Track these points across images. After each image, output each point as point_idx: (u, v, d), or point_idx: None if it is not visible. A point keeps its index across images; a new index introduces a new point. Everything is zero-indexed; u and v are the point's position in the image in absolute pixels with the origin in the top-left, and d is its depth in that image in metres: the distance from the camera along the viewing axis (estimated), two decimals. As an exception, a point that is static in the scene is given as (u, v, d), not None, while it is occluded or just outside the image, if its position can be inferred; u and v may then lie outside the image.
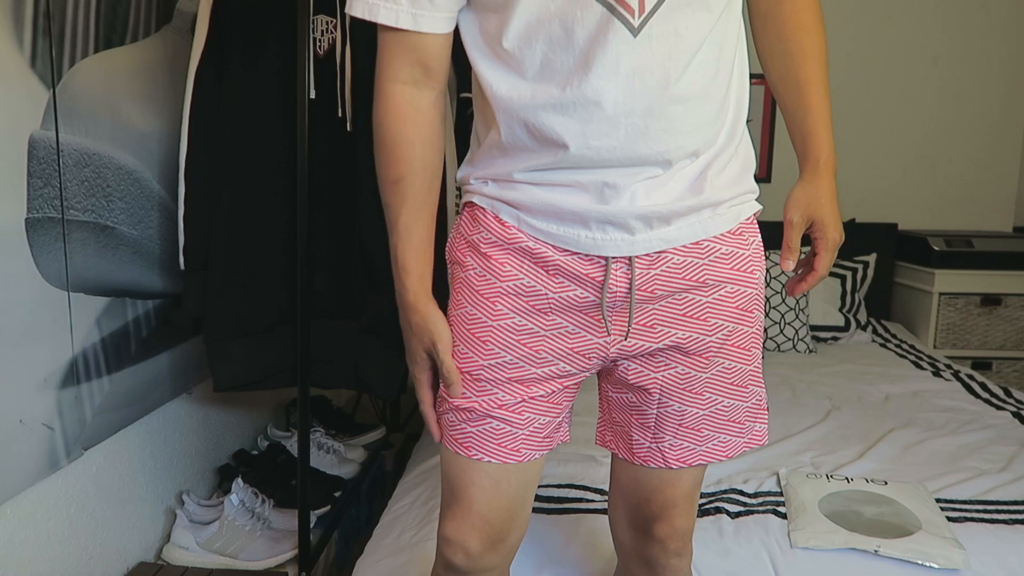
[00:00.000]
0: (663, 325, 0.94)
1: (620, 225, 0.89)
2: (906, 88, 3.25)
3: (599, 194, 0.88)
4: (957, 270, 2.96)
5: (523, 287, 0.93)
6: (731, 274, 0.95)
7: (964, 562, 1.36)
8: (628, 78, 0.83)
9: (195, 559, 1.67)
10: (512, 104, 0.88)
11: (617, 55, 0.83)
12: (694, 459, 1.00)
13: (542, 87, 0.86)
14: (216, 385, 1.66)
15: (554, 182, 0.90)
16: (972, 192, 3.33)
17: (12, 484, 1.25)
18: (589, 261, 0.91)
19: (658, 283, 0.92)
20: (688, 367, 0.96)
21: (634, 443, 1.02)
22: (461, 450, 0.98)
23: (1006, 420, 2.05)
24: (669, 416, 0.98)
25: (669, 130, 0.86)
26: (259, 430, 2.22)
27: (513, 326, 0.94)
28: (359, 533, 2.06)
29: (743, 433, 1.01)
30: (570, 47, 0.84)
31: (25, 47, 1.23)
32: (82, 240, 1.39)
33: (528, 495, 1.04)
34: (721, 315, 0.95)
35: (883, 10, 3.20)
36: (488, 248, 0.95)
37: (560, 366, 0.96)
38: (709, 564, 1.39)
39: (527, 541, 1.44)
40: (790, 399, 2.23)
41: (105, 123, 1.44)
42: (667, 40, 0.84)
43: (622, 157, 0.87)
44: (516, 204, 0.92)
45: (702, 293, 0.94)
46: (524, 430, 0.97)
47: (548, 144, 0.88)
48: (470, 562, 0.99)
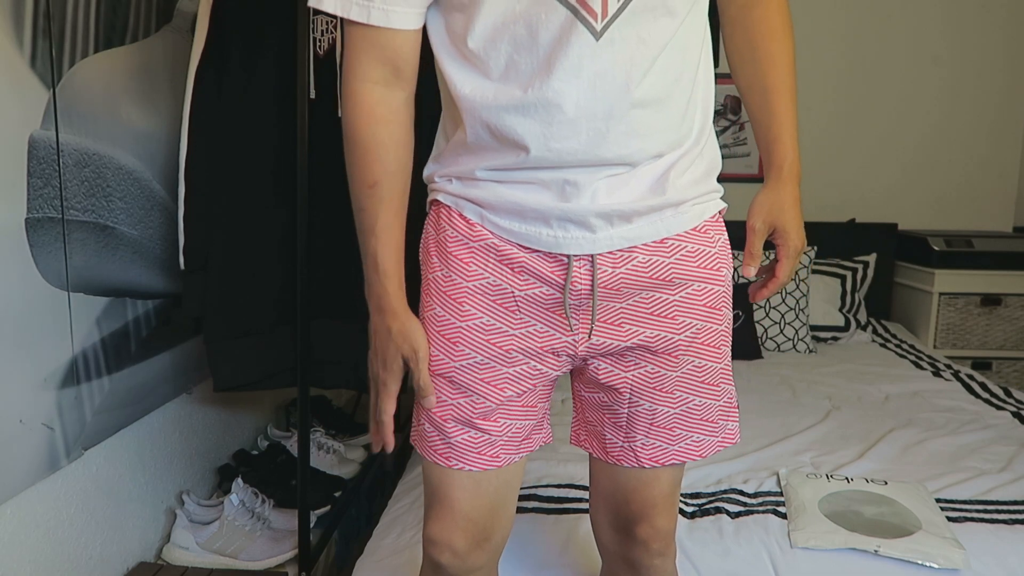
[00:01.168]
0: (631, 323, 0.94)
1: (581, 223, 0.89)
2: (906, 88, 3.25)
3: (560, 192, 0.89)
4: (957, 270, 2.95)
5: (489, 286, 0.93)
6: (698, 272, 0.95)
7: (964, 562, 1.36)
8: (590, 81, 0.84)
9: (195, 559, 1.67)
10: (475, 104, 0.88)
11: (579, 58, 0.83)
12: (667, 458, 0.99)
13: (505, 88, 0.86)
14: (216, 385, 1.66)
15: (516, 180, 0.90)
16: (972, 192, 3.33)
17: (12, 484, 1.25)
18: (552, 259, 0.91)
19: (624, 280, 0.92)
20: (658, 366, 0.96)
21: (607, 442, 1.02)
22: (440, 460, 0.98)
23: (1006, 420, 2.05)
24: (640, 415, 0.98)
25: (630, 133, 0.87)
26: (259, 430, 2.22)
27: (482, 326, 0.94)
28: (359, 533, 2.06)
29: (716, 432, 1.01)
30: (534, 49, 0.84)
31: (25, 47, 1.23)
32: (82, 240, 1.39)
33: (511, 494, 1.04)
34: (689, 313, 0.95)
35: (883, 10, 3.20)
36: (454, 247, 0.95)
37: (531, 364, 0.96)
38: (709, 564, 1.39)
39: (527, 541, 1.44)
40: (790, 399, 2.23)
41: (105, 123, 1.44)
42: (629, 44, 0.84)
43: (583, 159, 0.87)
44: (480, 202, 0.93)
45: (669, 291, 0.94)
46: (501, 437, 0.98)
47: (510, 145, 0.88)
48: (457, 561, 0.99)
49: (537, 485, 1.61)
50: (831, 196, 3.26)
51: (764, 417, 2.04)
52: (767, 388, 2.34)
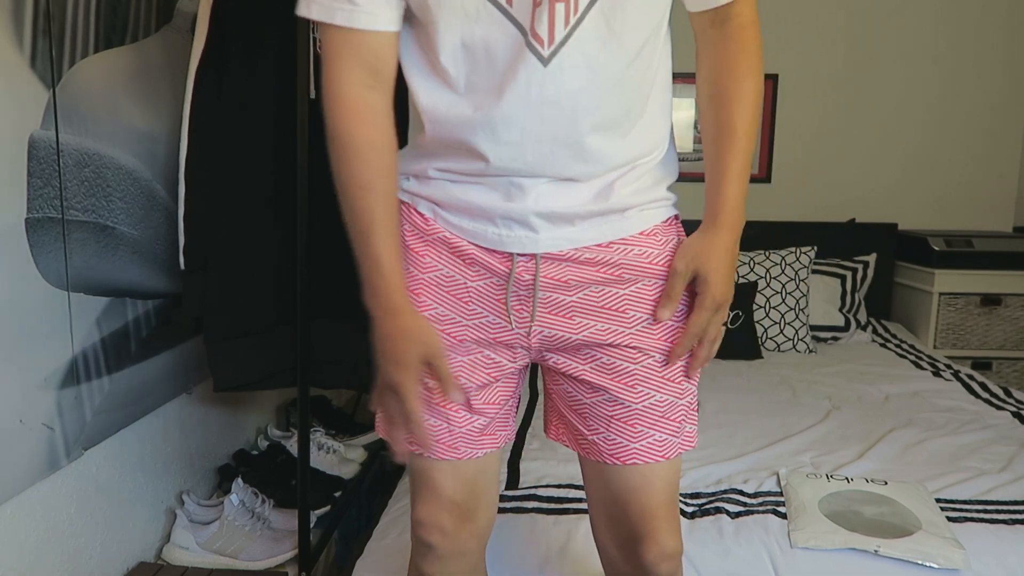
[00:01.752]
0: (581, 316, 0.95)
1: (523, 223, 0.91)
2: (906, 88, 3.25)
3: (505, 193, 0.91)
4: (957, 270, 2.95)
5: (443, 277, 0.96)
6: (649, 268, 0.95)
7: (964, 562, 1.36)
8: (537, 107, 0.85)
9: (195, 559, 1.67)
10: (432, 115, 0.90)
11: (528, 83, 0.84)
12: (629, 457, 0.98)
13: (460, 104, 0.88)
14: (216, 385, 1.66)
15: (466, 181, 0.93)
16: (972, 192, 3.33)
17: (12, 484, 1.25)
18: (499, 255, 0.93)
19: (571, 274, 0.93)
20: (615, 357, 0.96)
21: (577, 434, 1.03)
22: (405, 445, 1.00)
23: (1006, 420, 2.05)
24: (601, 406, 0.98)
25: (576, 158, 0.89)
26: (259, 430, 2.22)
27: (437, 316, 0.97)
28: (359, 533, 2.06)
29: (678, 433, 0.99)
30: (491, 71, 0.86)
31: (25, 47, 1.23)
32: (82, 240, 1.39)
33: (490, 480, 1.06)
34: (639, 307, 0.95)
35: (883, 10, 3.20)
36: (411, 240, 0.97)
37: (485, 354, 0.98)
38: (709, 564, 1.39)
39: (527, 541, 1.44)
40: (790, 399, 2.23)
41: (105, 123, 1.44)
42: (579, 72, 0.85)
43: (530, 173, 0.89)
44: (432, 199, 0.95)
45: (619, 286, 0.95)
46: (460, 427, 0.99)
47: (462, 153, 0.90)
48: (447, 540, 1.02)
49: (537, 485, 1.61)
50: (831, 196, 3.27)
51: (764, 417, 2.04)
52: (767, 388, 2.34)
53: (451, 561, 1.05)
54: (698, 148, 3.28)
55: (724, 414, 2.07)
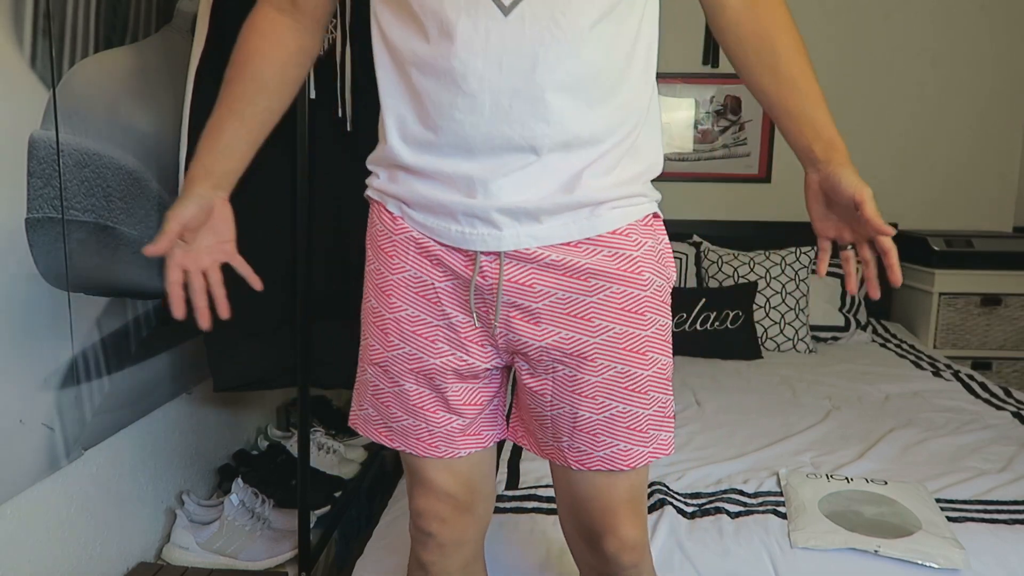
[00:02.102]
0: (547, 322, 0.93)
1: (485, 219, 0.89)
2: (906, 88, 3.25)
3: (466, 186, 0.89)
4: (957, 270, 2.95)
5: (412, 278, 0.95)
6: (616, 273, 0.92)
7: (964, 562, 1.36)
8: (496, 56, 0.83)
9: (195, 559, 1.67)
10: (401, 58, 0.89)
11: (487, 31, 0.83)
12: (593, 463, 0.96)
13: (425, 51, 0.86)
14: (216, 385, 1.66)
15: (429, 172, 0.90)
16: (972, 192, 3.33)
17: (12, 484, 1.25)
18: (463, 253, 0.92)
19: (536, 278, 0.91)
20: (575, 369, 0.94)
21: (540, 440, 1.02)
22: (384, 440, 1.02)
23: (1006, 420, 2.05)
24: (563, 418, 0.96)
25: (535, 116, 0.85)
26: (259, 430, 2.22)
27: (407, 317, 0.96)
28: (359, 533, 2.06)
29: (648, 442, 0.96)
30: (452, 18, 0.84)
31: (25, 47, 1.23)
32: (82, 240, 1.39)
33: (485, 473, 1.07)
34: (605, 316, 0.92)
35: (882, 10, 3.20)
36: (381, 240, 0.98)
37: (457, 355, 0.96)
38: (709, 564, 1.39)
39: (527, 541, 1.44)
40: (790, 399, 2.23)
41: (105, 123, 1.44)
42: (540, 24, 0.83)
43: (487, 136, 0.86)
44: (399, 197, 0.95)
45: (586, 292, 0.92)
46: (440, 428, 0.99)
47: (423, 112, 0.88)
48: (446, 528, 1.03)
49: (537, 485, 1.61)
50: (831, 196, 3.26)
51: (764, 417, 2.04)
52: (767, 388, 2.34)
53: (451, 550, 1.06)
54: (698, 148, 3.28)
55: (724, 414, 2.07)
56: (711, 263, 2.95)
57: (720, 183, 3.30)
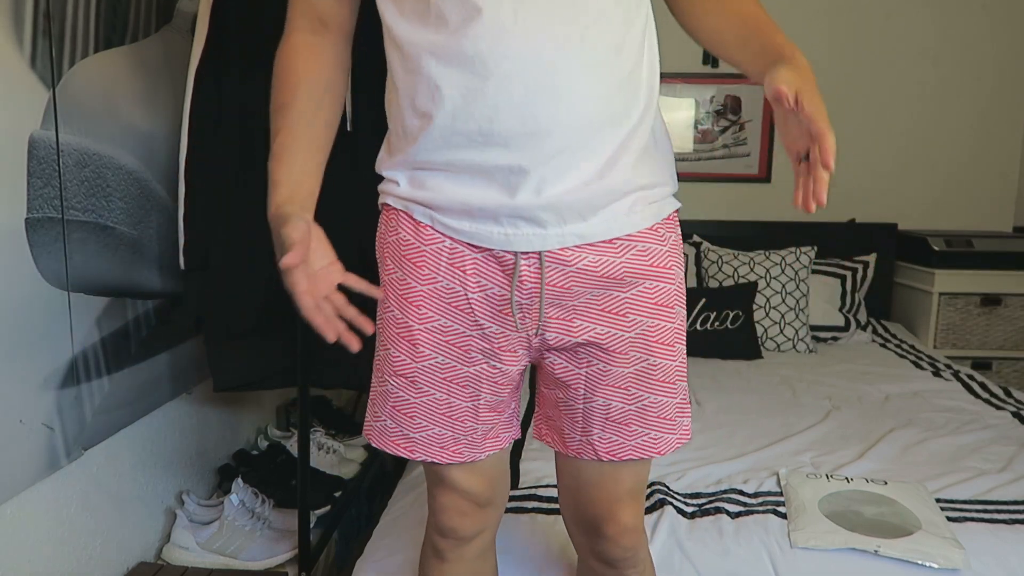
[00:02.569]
0: (582, 320, 0.95)
1: (530, 219, 0.89)
2: (906, 88, 3.25)
3: (506, 183, 0.88)
4: (957, 270, 2.96)
5: (443, 289, 0.95)
6: (649, 270, 0.95)
7: (964, 562, 1.36)
8: (523, 36, 0.83)
9: (195, 559, 1.67)
10: (418, 51, 0.88)
11: (514, 13, 0.83)
12: (624, 452, 1.00)
13: (445, 37, 0.85)
14: (216, 385, 1.66)
15: (462, 168, 0.89)
16: (972, 192, 3.33)
17: (12, 484, 1.25)
18: (501, 260, 0.92)
19: (573, 279, 0.93)
20: (610, 364, 0.96)
21: (566, 436, 1.04)
22: (403, 453, 1.01)
23: (1006, 420, 2.05)
24: (595, 410, 0.99)
25: (568, 92, 0.85)
26: (259, 430, 2.22)
27: (440, 327, 0.96)
28: (359, 533, 2.06)
29: (674, 429, 1.00)
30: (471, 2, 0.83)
31: (25, 47, 1.23)
32: (82, 240, 1.39)
33: (503, 469, 1.10)
34: (640, 311, 0.95)
35: (882, 9, 3.20)
36: (407, 251, 0.96)
37: (491, 363, 0.98)
38: (709, 564, 1.39)
39: (527, 541, 1.44)
40: (790, 399, 2.23)
41: (105, 123, 1.44)
42: (563, 2, 0.84)
43: (520, 119, 0.85)
44: (429, 204, 0.93)
45: (620, 289, 0.94)
46: (466, 435, 1.01)
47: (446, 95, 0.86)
48: (466, 522, 1.06)
49: (537, 485, 1.61)
50: (831, 196, 3.26)
51: (764, 417, 2.04)
52: (767, 388, 2.34)
53: (470, 540, 1.09)
54: (698, 148, 3.28)
55: (724, 414, 2.07)
56: (711, 263, 2.96)
57: (720, 183, 3.30)
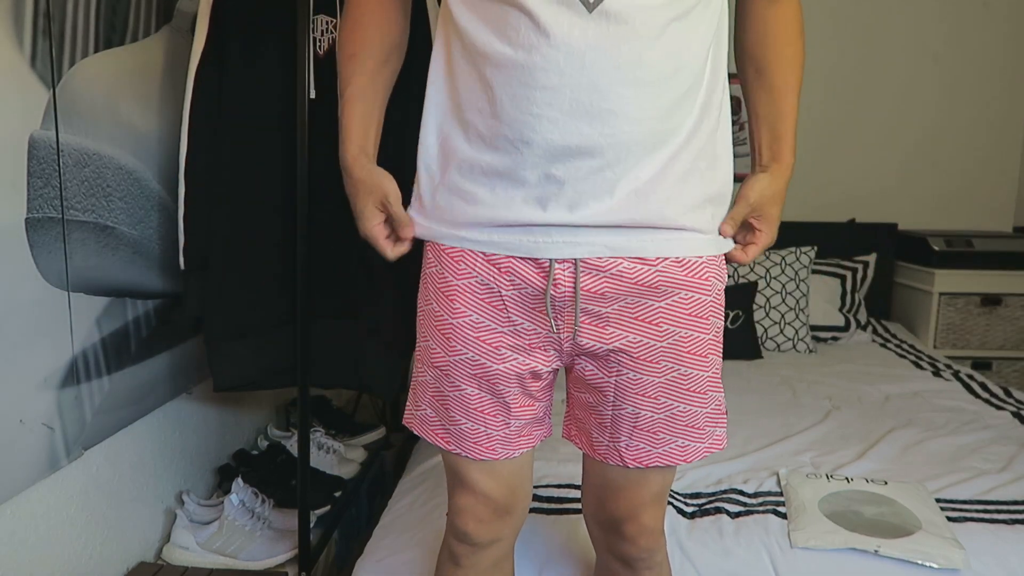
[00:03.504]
0: (615, 327, 0.95)
1: (561, 229, 0.91)
2: (906, 87, 3.25)
3: (540, 193, 0.89)
4: (957, 270, 2.96)
5: (478, 284, 0.96)
6: (685, 280, 0.94)
7: (964, 562, 1.36)
8: (579, 52, 0.84)
9: (195, 559, 1.67)
10: (478, 54, 0.89)
11: (570, 27, 0.84)
12: (651, 460, 1.00)
13: (502, 48, 0.87)
14: (216, 385, 1.66)
15: (503, 171, 0.90)
16: (972, 192, 3.33)
17: (12, 484, 1.25)
18: (535, 263, 0.93)
19: (608, 286, 0.93)
20: (639, 372, 0.96)
21: (594, 440, 1.04)
22: (441, 444, 1.03)
23: (1006, 420, 2.05)
24: (624, 418, 0.99)
25: (615, 112, 0.86)
26: (259, 430, 2.22)
27: (472, 323, 0.97)
28: (359, 533, 2.06)
29: (704, 438, 1.00)
30: (532, 16, 0.85)
31: (25, 47, 1.23)
32: (82, 240, 1.39)
33: (525, 474, 1.08)
34: (673, 321, 0.95)
35: (883, 8, 3.20)
36: (444, 247, 0.98)
37: (521, 360, 0.98)
38: (709, 564, 1.39)
39: (527, 541, 1.44)
40: (790, 399, 2.23)
41: (105, 123, 1.44)
42: (622, 21, 0.84)
43: (564, 132, 0.86)
44: (455, 218, 0.95)
45: (655, 298, 0.94)
46: (498, 431, 1.01)
47: (494, 109, 0.88)
48: (483, 528, 1.05)
49: (537, 485, 1.61)
50: (831, 196, 3.27)
51: (764, 417, 2.04)
52: (767, 388, 2.34)
53: (485, 547, 1.07)
54: (698, 148, 3.28)
55: (724, 414, 2.07)
56: (711, 263, 2.95)
57: (720, 183, 3.30)
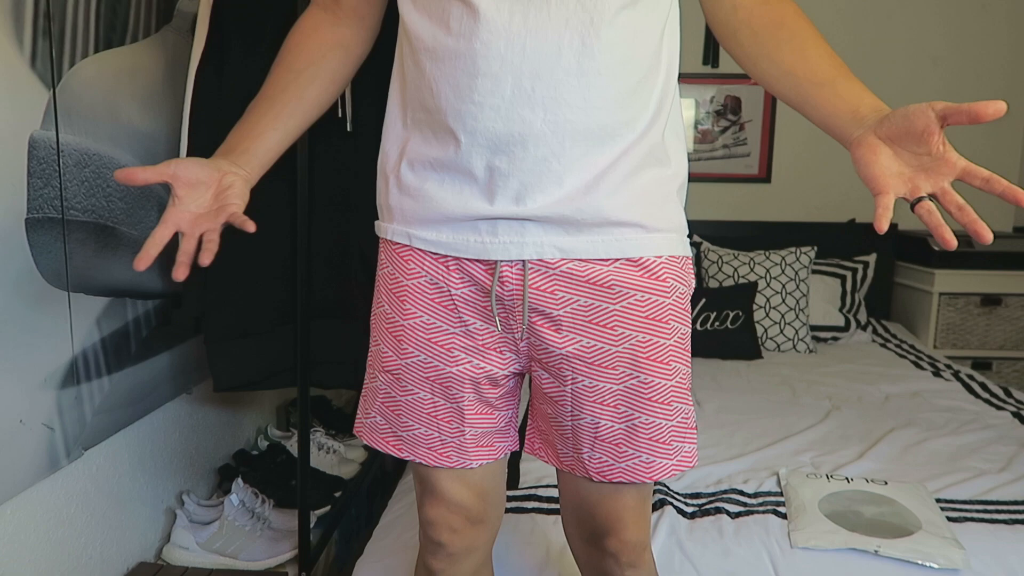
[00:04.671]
0: (567, 330, 0.91)
1: (508, 228, 0.88)
2: (907, 88, 3.25)
3: (486, 185, 0.86)
4: (957, 270, 2.96)
5: (428, 284, 0.94)
6: (641, 281, 0.90)
7: (964, 562, 1.36)
8: (520, 38, 0.82)
9: (195, 559, 1.67)
10: (420, 47, 0.88)
11: (511, 13, 0.82)
12: (615, 475, 0.94)
13: (442, 36, 0.85)
14: (216, 385, 1.66)
15: (447, 165, 0.88)
16: (972, 192, 3.33)
17: (12, 484, 1.25)
18: (483, 263, 0.90)
19: (557, 283, 0.89)
20: (595, 379, 0.92)
21: (560, 452, 1.00)
22: (392, 451, 1.00)
23: (1006, 420, 2.05)
24: (584, 428, 0.94)
25: (558, 100, 0.83)
26: (259, 430, 2.22)
27: (422, 324, 0.94)
28: (359, 533, 2.06)
29: (671, 454, 0.94)
30: (470, 1, 0.83)
31: (25, 47, 1.23)
32: (82, 240, 1.39)
33: (497, 483, 1.06)
34: (629, 324, 0.90)
35: (883, 10, 3.20)
36: (396, 246, 0.97)
37: (474, 363, 0.95)
38: (709, 564, 1.39)
39: (527, 541, 1.44)
40: (790, 399, 2.23)
41: (105, 123, 1.44)
42: (566, 8, 0.82)
43: (507, 120, 0.84)
44: (405, 217, 0.93)
45: (609, 300, 0.90)
46: (453, 439, 0.98)
47: (439, 101, 0.86)
48: (457, 538, 1.02)
49: (537, 485, 1.61)
50: (831, 196, 3.27)
51: (764, 417, 2.04)
52: (767, 388, 2.34)
53: (460, 558, 1.05)
54: (698, 148, 3.28)
55: (724, 414, 2.07)
56: (711, 263, 2.96)
57: (720, 183, 3.30)
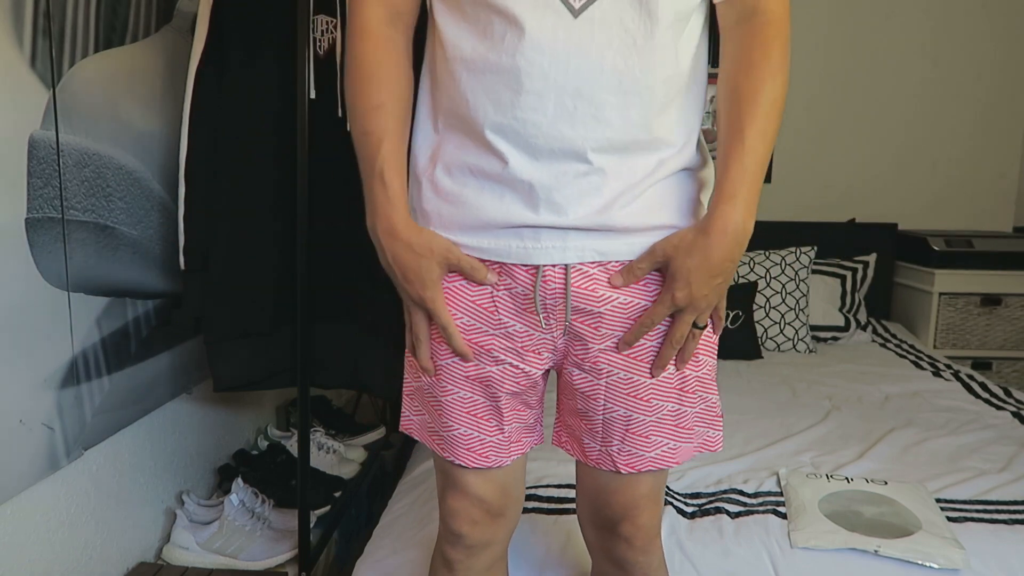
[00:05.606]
0: (607, 326, 0.94)
1: (551, 235, 0.90)
2: (906, 88, 3.25)
3: (529, 196, 0.88)
4: (957, 270, 2.96)
5: (468, 286, 0.95)
6: None
7: (964, 562, 1.36)
8: (563, 56, 0.84)
9: (195, 559, 1.67)
10: (461, 60, 0.88)
11: (554, 30, 0.83)
12: (644, 464, 0.99)
13: (486, 49, 0.86)
14: (216, 385, 1.66)
15: (490, 175, 0.89)
16: (972, 192, 3.33)
17: (12, 484, 1.25)
18: (525, 267, 0.92)
19: (599, 283, 0.92)
20: (631, 372, 0.95)
21: (586, 447, 1.02)
22: (436, 449, 1.03)
23: (1006, 420, 2.05)
24: (616, 421, 0.98)
25: (599, 119, 0.85)
26: (259, 430, 2.22)
27: (463, 326, 0.96)
28: (359, 533, 2.06)
29: (692, 438, 1.00)
30: (514, 19, 0.84)
31: (25, 47, 1.23)
32: (82, 240, 1.39)
33: (518, 478, 1.08)
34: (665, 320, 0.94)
35: (883, 10, 3.20)
36: None
37: (513, 363, 0.97)
38: (709, 564, 1.39)
39: (527, 541, 1.44)
40: (790, 399, 2.23)
41: (105, 123, 1.44)
42: (609, 28, 0.84)
43: (548, 137, 0.86)
44: (444, 223, 0.93)
45: (644, 297, 0.93)
46: (492, 437, 1.00)
47: (478, 113, 0.87)
48: (477, 530, 1.04)
49: (537, 485, 1.61)
50: (831, 196, 3.27)
51: (764, 417, 2.04)
52: (767, 388, 2.34)
53: (478, 550, 1.07)
54: (698, 148, 3.28)
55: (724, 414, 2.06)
56: (711, 263, 2.95)
57: (720, 183, 3.30)
